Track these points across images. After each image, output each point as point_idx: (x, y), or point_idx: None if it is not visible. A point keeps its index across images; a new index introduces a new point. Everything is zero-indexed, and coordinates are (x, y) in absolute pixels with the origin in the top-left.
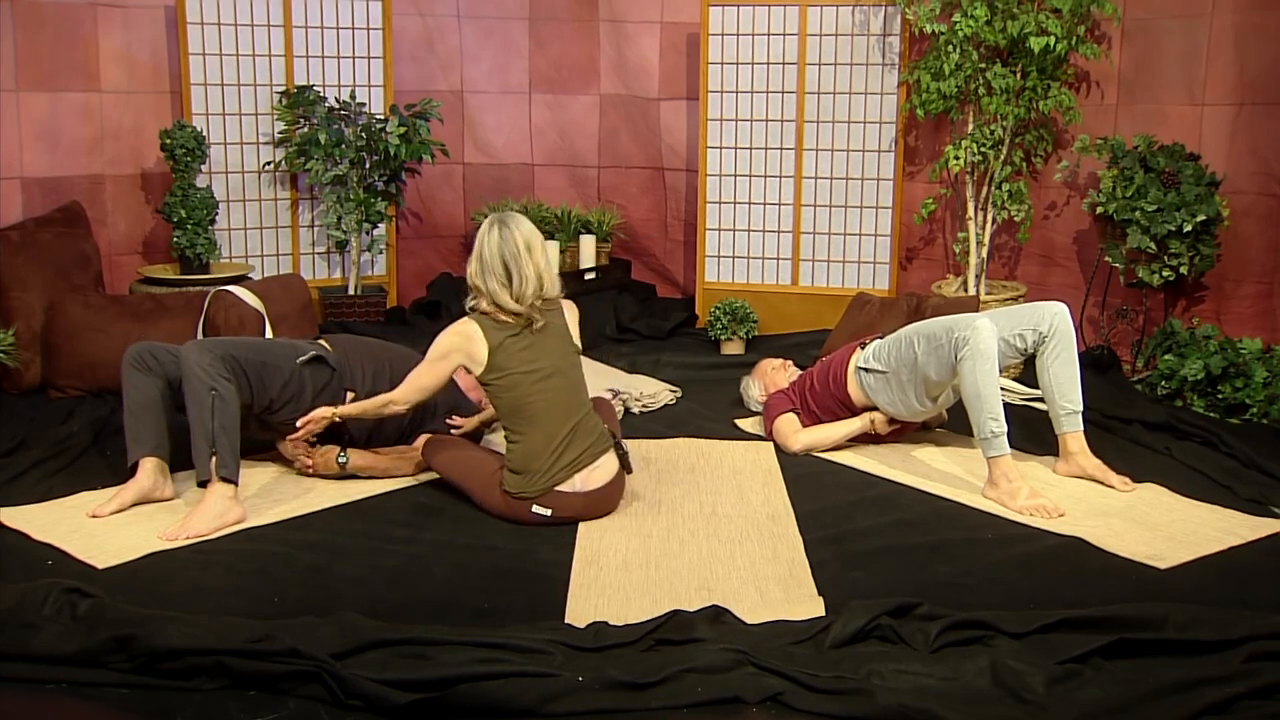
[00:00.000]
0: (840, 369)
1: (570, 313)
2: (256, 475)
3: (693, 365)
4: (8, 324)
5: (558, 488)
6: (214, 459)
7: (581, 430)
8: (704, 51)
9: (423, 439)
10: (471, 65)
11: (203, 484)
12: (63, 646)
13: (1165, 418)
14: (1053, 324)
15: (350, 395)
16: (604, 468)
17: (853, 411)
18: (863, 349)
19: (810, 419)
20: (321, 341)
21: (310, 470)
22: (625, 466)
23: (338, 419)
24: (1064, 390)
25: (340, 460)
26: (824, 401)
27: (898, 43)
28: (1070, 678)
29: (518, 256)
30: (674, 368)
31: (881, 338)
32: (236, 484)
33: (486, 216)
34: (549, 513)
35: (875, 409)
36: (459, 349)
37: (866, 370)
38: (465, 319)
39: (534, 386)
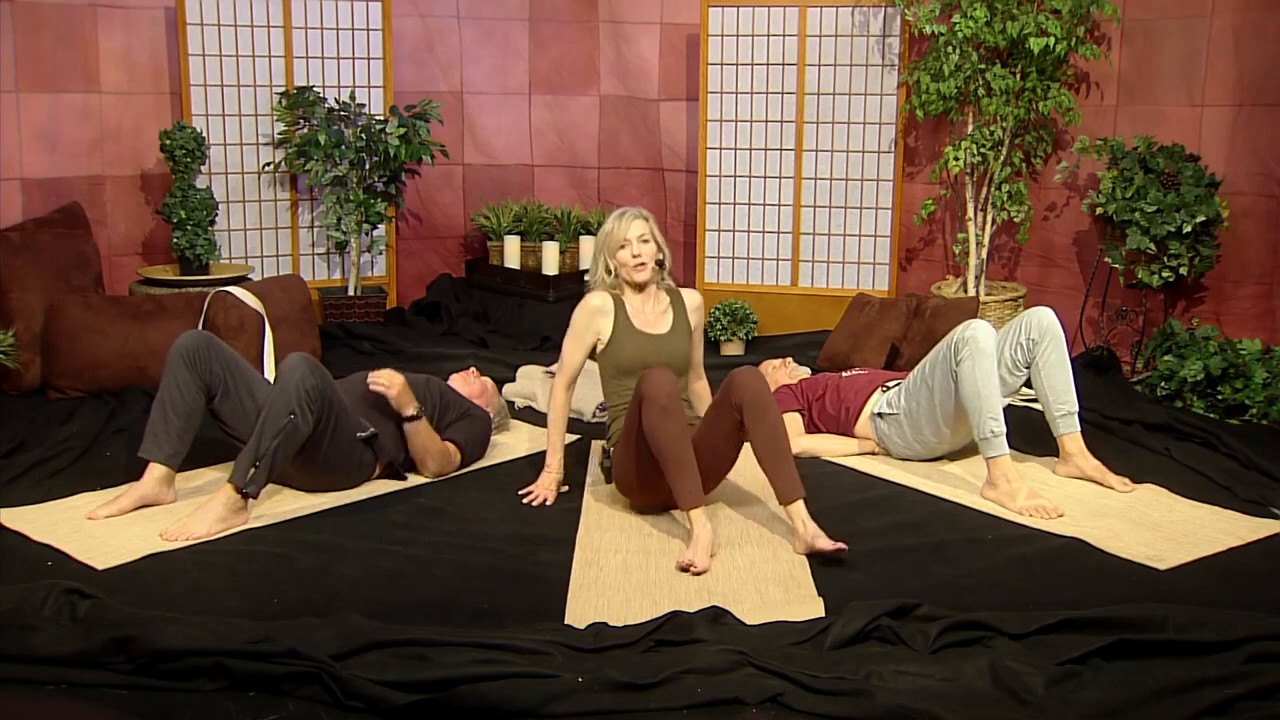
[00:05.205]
0: (855, 404)
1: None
2: None
3: None
4: (7, 325)
5: None
6: (251, 472)
7: None
8: (704, 52)
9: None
10: (471, 66)
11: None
12: (62, 647)
13: (1165, 418)
14: (1042, 327)
15: (377, 469)
16: None
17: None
18: (883, 392)
19: (811, 430)
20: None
21: None
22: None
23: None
24: (1058, 393)
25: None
26: (829, 428)
27: (897, 44)
28: (1070, 679)
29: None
30: None
31: (898, 385)
32: (252, 499)
33: (484, 216)
34: None
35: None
36: None
37: (882, 416)
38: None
39: None
